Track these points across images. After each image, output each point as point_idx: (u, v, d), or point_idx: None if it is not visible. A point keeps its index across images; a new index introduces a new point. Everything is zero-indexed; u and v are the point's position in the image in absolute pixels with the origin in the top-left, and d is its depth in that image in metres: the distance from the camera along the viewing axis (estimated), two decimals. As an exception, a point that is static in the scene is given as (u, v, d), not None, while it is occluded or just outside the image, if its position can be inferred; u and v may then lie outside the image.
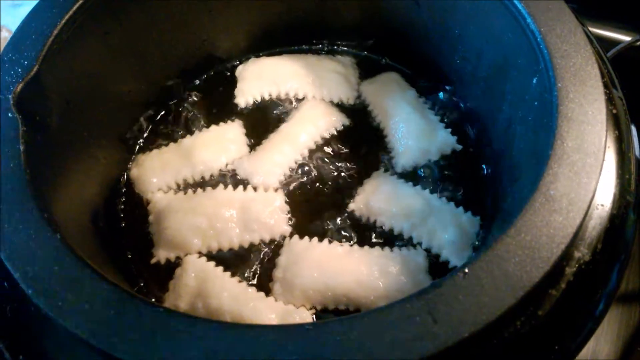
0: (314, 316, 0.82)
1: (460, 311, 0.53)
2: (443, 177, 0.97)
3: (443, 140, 0.98)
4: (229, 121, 1.05)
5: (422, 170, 0.97)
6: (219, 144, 1.01)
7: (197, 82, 1.12)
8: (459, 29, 0.98)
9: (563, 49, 0.74)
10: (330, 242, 0.88)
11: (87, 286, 0.54)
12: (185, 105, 1.09)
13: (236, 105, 1.08)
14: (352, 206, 0.93)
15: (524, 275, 0.55)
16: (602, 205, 0.67)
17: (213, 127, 1.04)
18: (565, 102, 0.69)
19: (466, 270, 0.55)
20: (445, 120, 1.02)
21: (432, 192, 0.93)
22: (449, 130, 0.99)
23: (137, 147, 1.03)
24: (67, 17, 0.78)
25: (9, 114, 0.68)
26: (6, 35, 1.50)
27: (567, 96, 0.69)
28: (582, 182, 0.62)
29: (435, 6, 1.00)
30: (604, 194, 0.68)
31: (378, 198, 0.92)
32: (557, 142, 0.65)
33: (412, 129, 0.99)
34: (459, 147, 0.98)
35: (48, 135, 0.75)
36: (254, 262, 0.89)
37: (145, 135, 1.04)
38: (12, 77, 0.72)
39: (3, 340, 0.60)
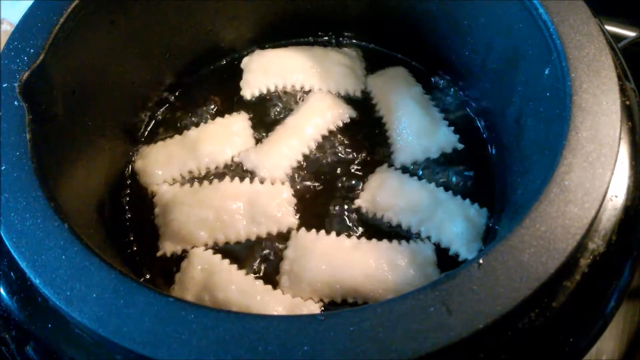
0: (322, 309, 0.81)
1: (475, 302, 0.52)
2: (450, 171, 0.95)
3: (444, 138, 0.97)
4: (234, 113, 1.04)
5: (428, 164, 0.96)
6: (224, 136, 1.00)
7: (202, 73, 1.11)
8: (468, 20, 0.97)
9: (576, 39, 0.73)
10: (337, 235, 0.87)
11: (96, 276, 0.53)
12: (190, 97, 1.07)
13: (242, 97, 1.06)
14: (358, 202, 0.92)
15: (539, 266, 0.54)
16: (616, 196, 0.66)
17: (218, 119, 1.03)
18: (579, 92, 0.68)
19: (481, 261, 0.54)
20: (452, 115, 1.01)
21: (438, 185, 0.92)
22: (452, 128, 0.98)
23: (142, 138, 1.02)
24: (73, 5, 0.76)
25: (15, 102, 0.68)
26: (7, 28, 1.48)
27: (580, 86, 0.68)
28: (597, 173, 0.61)
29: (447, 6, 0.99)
30: (618, 185, 0.67)
31: (384, 193, 0.91)
32: (571, 132, 0.64)
33: (413, 125, 0.98)
34: (461, 146, 0.97)
35: (53, 125, 0.74)
36: (260, 255, 0.88)
37: (150, 126, 1.03)
38: (18, 65, 0.71)
39: (9, 330, 0.59)
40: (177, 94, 1.08)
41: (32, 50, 0.72)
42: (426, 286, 0.53)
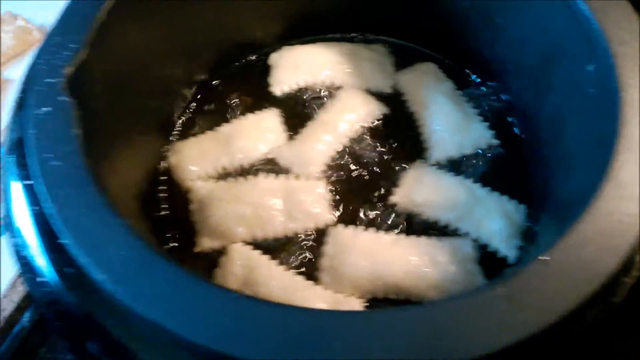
0: (366, 305, 0.81)
1: (544, 298, 0.52)
2: (485, 167, 0.95)
3: (478, 134, 0.97)
4: (265, 109, 1.04)
5: (462, 161, 0.96)
6: (256, 132, 1.00)
7: (231, 69, 1.11)
8: (501, 17, 0.96)
9: (620, 35, 0.73)
10: (376, 230, 0.87)
11: (160, 272, 0.53)
12: (220, 93, 1.07)
13: (271, 93, 1.06)
14: (394, 199, 0.91)
15: (603, 261, 0.55)
16: (668, 192, 0.67)
17: (249, 115, 1.02)
18: (626, 88, 0.68)
19: (545, 257, 0.54)
20: (485, 112, 1.01)
21: (474, 182, 0.92)
22: (486, 124, 0.98)
23: (175, 134, 1.01)
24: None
25: (61, 98, 0.67)
26: (22, 24, 1.45)
27: (627, 82, 0.68)
28: (651, 169, 0.61)
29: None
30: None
31: (420, 190, 0.90)
32: (623, 128, 0.64)
33: (446, 121, 0.98)
34: (496, 142, 0.97)
35: (95, 121, 0.73)
36: (298, 251, 0.87)
37: (182, 122, 1.03)
38: (61, 61, 0.70)
39: (65, 328, 0.59)
40: (207, 89, 1.07)
41: (74, 45, 0.71)
42: (492, 282, 0.53)
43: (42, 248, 0.60)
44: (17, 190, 0.65)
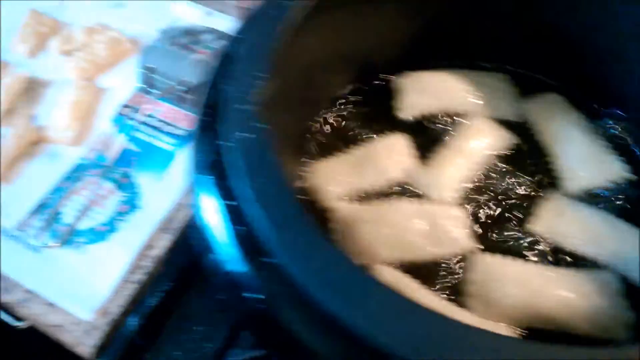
0: (519, 334, 0.82)
1: None
2: (620, 200, 0.96)
3: (612, 167, 0.98)
4: (393, 133, 1.07)
5: (597, 193, 0.97)
6: (387, 156, 1.03)
7: (355, 93, 1.14)
8: (634, 51, 0.98)
9: None
10: (519, 259, 0.89)
11: (370, 289, 0.56)
12: (347, 115, 1.11)
13: (398, 117, 1.09)
14: (534, 228, 0.93)
15: None
16: None
17: (379, 138, 1.06)
18: None
19: None
20: (617, 145, 1.02)
21: (611, 214, 0.93)
22: (620, 158, 0.99)
23: (308, 155, 1.05)
24: (299, 18, 0.80)
25: (257, 124, 0.71)
26: (114, 35, 1.51)
27: None
28: None
29: (610, 29, 1.00)
30: None
31: (561, 220, 0.92)
32: None
33: (578, 153, 0.99)
34: (633, 176, 0.97)
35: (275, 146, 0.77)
36: (442, 275, 0.90)
37: (314, 143, 1.07)
38: (250, 87, 0.75)
39: (274, 344, 0.62)
40: (334, 110, 1.11)
41: (261, 74, 0.76)
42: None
43: (249, 266, 0.64)
44: (216, 210, 0.69)
